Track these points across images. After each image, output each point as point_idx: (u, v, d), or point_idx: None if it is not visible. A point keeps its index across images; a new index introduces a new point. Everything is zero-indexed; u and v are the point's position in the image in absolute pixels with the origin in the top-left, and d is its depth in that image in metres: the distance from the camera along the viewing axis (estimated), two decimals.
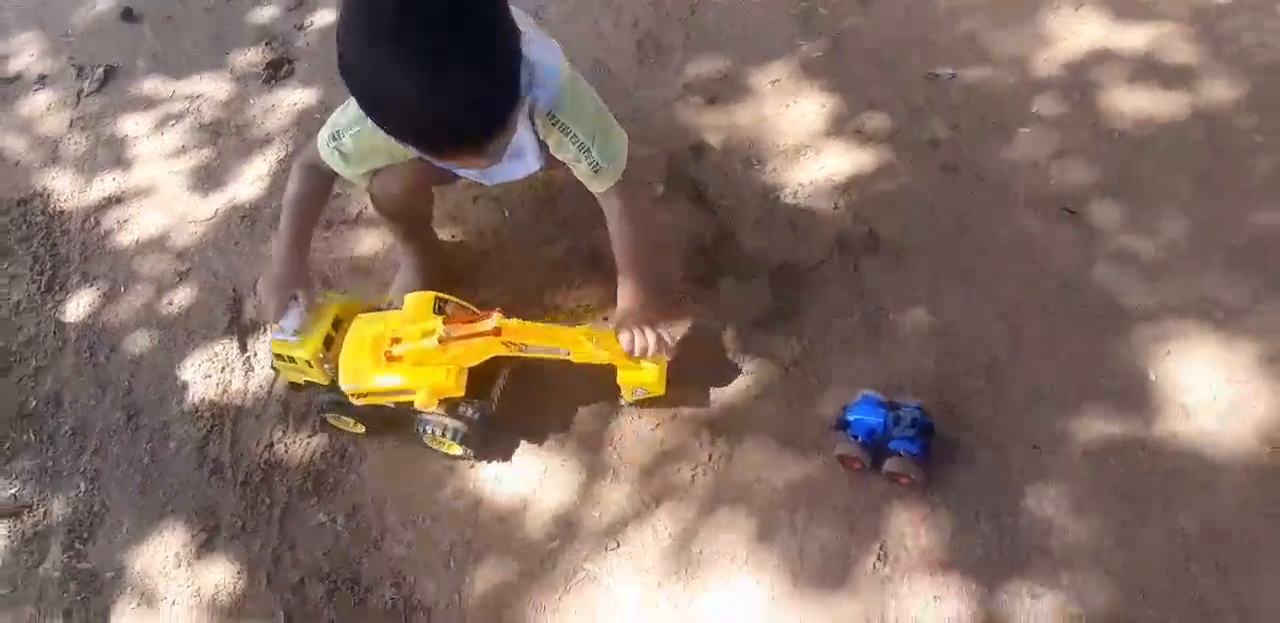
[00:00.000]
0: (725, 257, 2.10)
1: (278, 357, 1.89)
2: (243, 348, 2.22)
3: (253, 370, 2.19)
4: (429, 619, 1.82)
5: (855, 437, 1.74)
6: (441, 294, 1.83)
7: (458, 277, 2.12)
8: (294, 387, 2.03)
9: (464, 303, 1.83)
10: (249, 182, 2.47)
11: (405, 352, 1.75)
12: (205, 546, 1.98)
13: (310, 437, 2.07)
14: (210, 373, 2.21)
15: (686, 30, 2.47)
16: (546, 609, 1.77)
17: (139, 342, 2.30)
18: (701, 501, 1.83)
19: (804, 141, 2.21)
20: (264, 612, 1.89)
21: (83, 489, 2.10)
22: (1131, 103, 2.19)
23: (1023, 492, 1.73)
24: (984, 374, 1.87)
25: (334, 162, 1.79)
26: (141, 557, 1.99)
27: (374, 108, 1.39)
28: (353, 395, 1.84)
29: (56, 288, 2.43)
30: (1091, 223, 2.04)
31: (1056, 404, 1.82)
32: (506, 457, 1.96)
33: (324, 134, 1.77)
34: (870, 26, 2.40)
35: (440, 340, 1.70)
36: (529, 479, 1.92)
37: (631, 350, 1.79)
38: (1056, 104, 2.21)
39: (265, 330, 2.06)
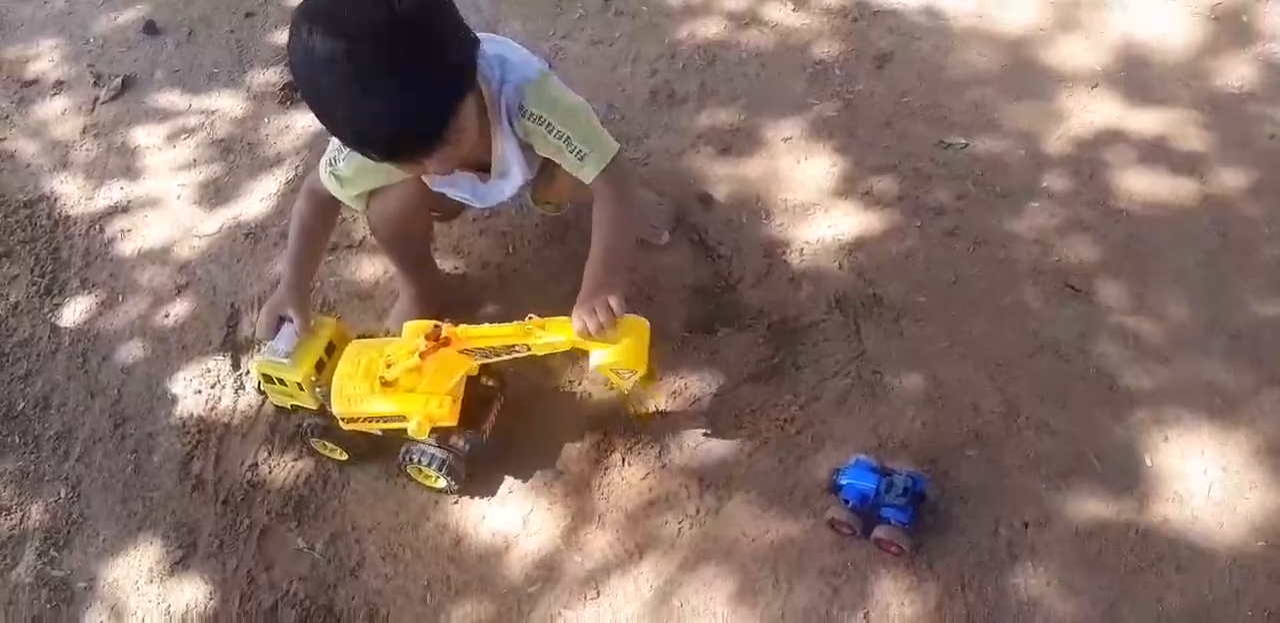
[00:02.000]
0: (726, 307, 2.04)
1: (266, 378, 1.81)
2: (235, 366, 2.14)
3: (243, 389, 2.11)
4: None
5: (846, 502, 1.67)
6: (441, 323, 1.74)
7: (456, 310, 2.04)
8: (281, 409, 1.95)
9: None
10: (256, 200, 2.40)
11: (396, 376, 1.68)
12: (180, 563, 1.90)
13: (295, 460, 1.99)
14: (201, 389, 2.13)
15: (702, 80, 2.42)
16: None
17: (132, 351, 2.22)
18: (686, 554, 1.75)
19: (812, 199, 2.16)
20: None
21: (62, 496, 2.02)
22: (1140, 184, 2.15)
23: (1010, 567, 1.67)
24: (977, 443, 1.81)
25: (332, 185, 1.77)
26: (115, 569, 1.91)
27: (325, 121, 1.46)
28: (343, 420, 1.76)
29: (55, 291, 2.36)
30: (1094, 300, 1.99)
31: (1048, 479, 1.76)
32: (491, 493, 1.88)
33: (324, 159, 1.75)
34: (883, 90, 2.36)
35: (420, 355, 1.63)
36: (513, 519, 1.84)
37: (585, 332, 1.59)
38: (1065, 180, 2.17)
39: (258, 349, 1.97)
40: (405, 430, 1.69)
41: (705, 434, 1.87)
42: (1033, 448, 1.80)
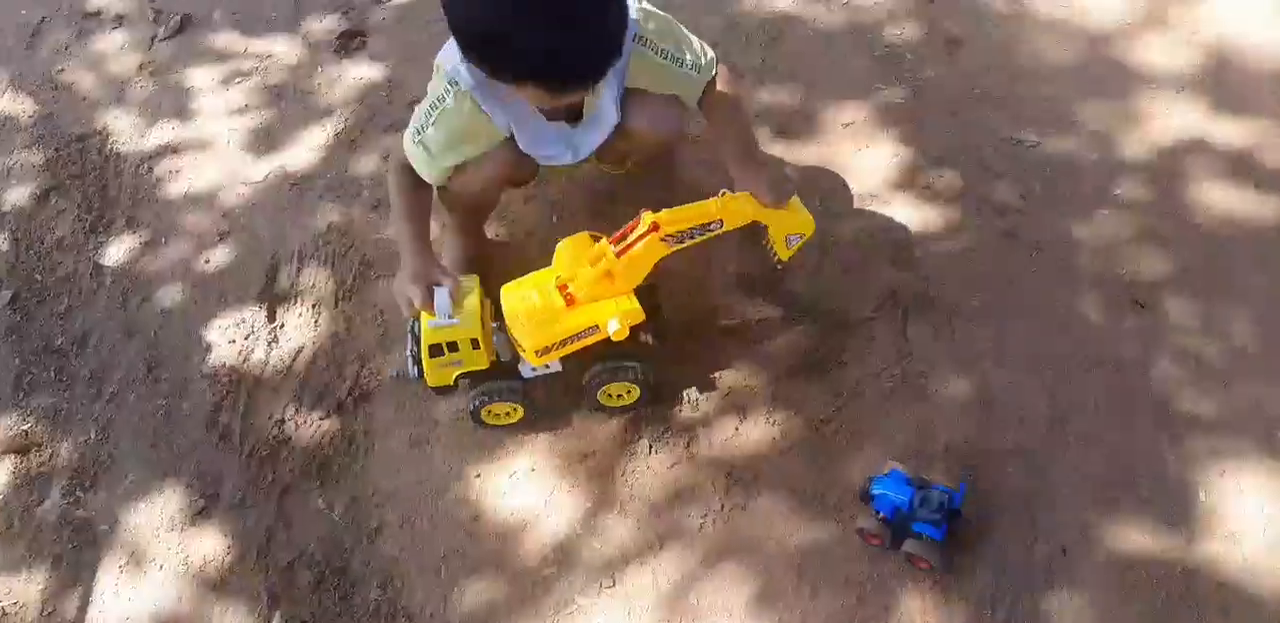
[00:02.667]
0: (771, 298, 1.91)
1: (433, 351, 1.69)
2: (270, 318, 2.06)
3: (277, 342, 2.02)
4: None
5: (878, 512, 1.55)
6: (594, 232, 1.71)
7: (495, 276, 1.93)
8: (440, 390, 1.79)
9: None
10: (305, 149, 2.29)
11: (582, 287, 1.64)
12: (202, 513, 1.84)
13: (322, 419, 1.91)
14: (235, 338, 2.05)
15: (763, 57, 2.25)
16: None
17: (171, 295, 2.15)
18: (707, 550, 1.65)
19: (870, 189, 2.01)
20: (249, 591, 1.74)
21: (92, 436, 1.95)
22: (1220, 199, 1.97)
23: (1044, 593, 1.55)
24: (1021, 457, 1.68)
25: (419, 159, 1.69)
26: (139, 514, 1.85)
27: (495, 47, 1.39)
28: (537, 354, 1.68)
29: (101, 229, 2.28)
30: (1158, 316, 1.84)
31: (1093, 502, 1.63)
32: (515, 470, 1.79)
33: (408, 133, 1.68)
34: (953, 79, 2.18)
35: (619, 254, 1.61)
36: (534, 499, 1.75)
37: (778, 197, 1.67)
38: (1140, 188, 2.00)
39: (410, 327, 1.82)
40: (594, 348, 1.69)
41: (737, 428, 1.75)
42: (1079, 467, 1.67)
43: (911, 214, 1.98)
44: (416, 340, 1.71)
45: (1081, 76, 2.19)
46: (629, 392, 1.76)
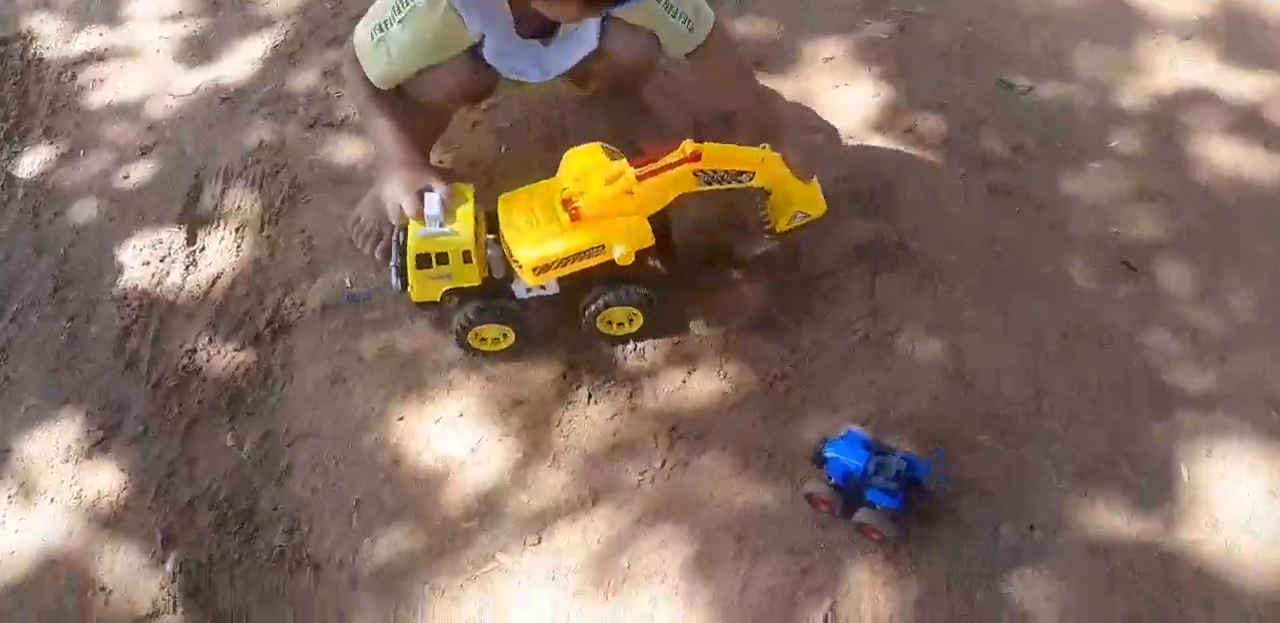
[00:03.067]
0: (733, 246, 1.73)
1: (420, 262, 1.50)
2: (190, 240, 1.87)
3: (195, 266, 1.83)
4: (316, 577, 1.48)
5: (829, 478, 1.38)
6: (608, 146, 1.54)
7: None
8: (426, 305, 1.61)
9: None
10: (240, 62, 2.06)
11: (593, 204, 1.46)
12: (100, 445, 1.65)
13: (238, 350, 1.72)
14: (150, 260, 1.85)
15: None
16: (445, 594, 1.44)
17: (86, 211, 1.95)
18: (644, 508, 1.48)
19: (847, 129, 1.82)
20: (144, 529, 1.56)
21: None
22: (1224, 156, 1.80)
23: (1007, 574, 1.39)
24: (993, 429, 1.51)
25: (374, 59, 1.54)
26: (34, 442, 1.66)
27: None
28: (534, 273, 1.49)
29: (16, 139, 2.07)
30: (1151, 282, 1.66)
31: (1068, 479, 1.47)
32: (441, 414, 1.60)
33: (364, 28, 1.53)
34: (946, 16, 1.98)
35: (640, 178, 1.44)
36: (461, 446, 1.57)
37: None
38: (1138, 141, 1.82)
39: (395, 237, 1.60)
40: (595, 271, 1.52)
41: (684, 380, 1.57)
42: (1056, 442, 1.50)
43: (890, 159, 1.79)
44: (402, 251, 1.52)
45: (1083, 20, 2.00)
46: (632, 319, 1.60)
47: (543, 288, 1.56)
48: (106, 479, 1.61)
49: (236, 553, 1.53)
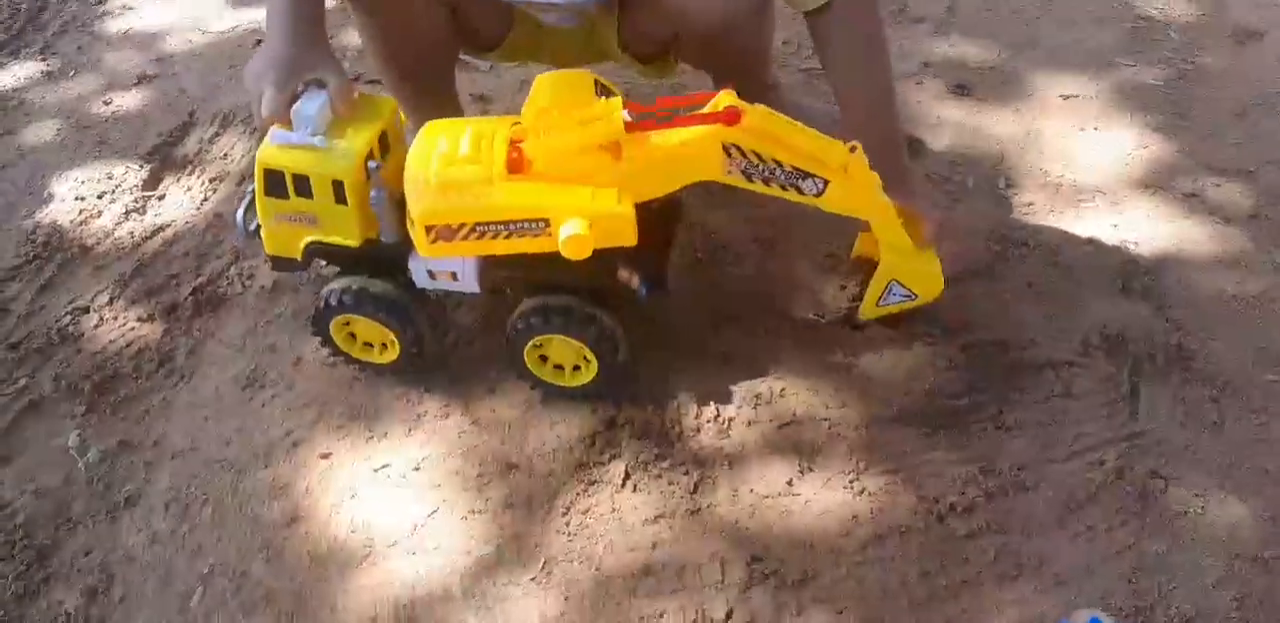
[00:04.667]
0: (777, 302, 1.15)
1: (270, 184, 0.95)
2: (151, 183, 1.42)
3: (140, 212, 1.38)
4: None
5: None
6: (604, 80, 0.97)
7: None
8: (284, 265, 1.04)
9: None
10: None
11: (548, 154, 0.89)
12: None
13: (141, 321, 1.23)
14: (85, 195, 1.42)
15: (953, 4, 1.57)
16: None
17: (42, 133, 1.53)
18: None
19: (1094, 181, 1.27)
20: None
21: None
22: None
23: None
24: None
25: None
26: None
27: None
28: (429, 235, 0.91)
29: (7, 50, 1.71)
30: None
31: None
32: (388, 460, 1.02)
33: None
34: (1237, 71, 1.47)
35: (629, 127, 0.89)
36: (401, 515, 0.99)
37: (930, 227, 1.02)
38: None
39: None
40: (535, 267, 0.96)
41: (790, 484, 0.96)
42: None
43: (1163, 227, 1.22)
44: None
45: None
46: (584, 362, 1.01)
47: (453, 277, 0.99)
48: None
49: None
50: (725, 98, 0.90)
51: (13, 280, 1.29)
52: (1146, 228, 1.19)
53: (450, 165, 0.90)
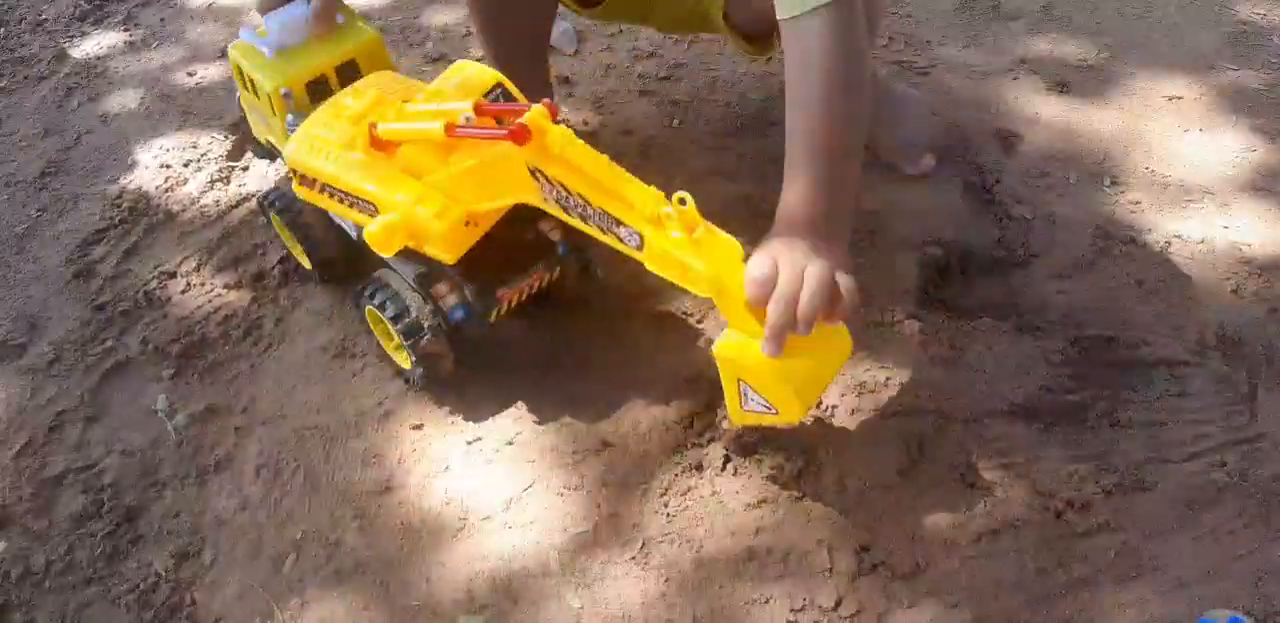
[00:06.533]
0: (1003, 290, 1.11)
1: (237, 72, 1.04)
2: (235, 154, 1.38)
3: (225, 181, 1.36)
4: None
5: None
6: (510, 85, 0.96)
7: None
8: (253, 146, 1.18)
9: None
10: None
11: (393, 133, 0.89)
12: None
13: (228, 288, 1.20)
14: (169, 163, 1.39)
15: (1048, 2, 1.49)
16: None
17: (125, 100, 1.51)
18: None
19: (1202, 181, 1.22)
20: None
21: None
22: None
23: None
24: None
25: None
26: None
27: None
28: (294, 176, 0.96)
29: (91, 19, 1.69)
30: None
31: None
32: (483, 435, 0.99)
33: None
34: None
35: (447, 129, 0.83)
36: (494, 491, 0.96)
37: (756, 289, 0.77)
38: None
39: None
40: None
41: (899, 472, 0.92)
42: None
43: (1271, 229, 1.17)
44: None
45: None
46: (393, 342, 1.01)
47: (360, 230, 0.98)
48: None
49: (88, 569, 0.95)
50: (533, 113, 0.79)
51: (99, 243, 1.27)
52: (1258, 230, 1.15)
53: (333, 119, 0.92)
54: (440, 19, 1.59)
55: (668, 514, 0.92)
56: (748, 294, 0.76)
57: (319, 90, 1.01)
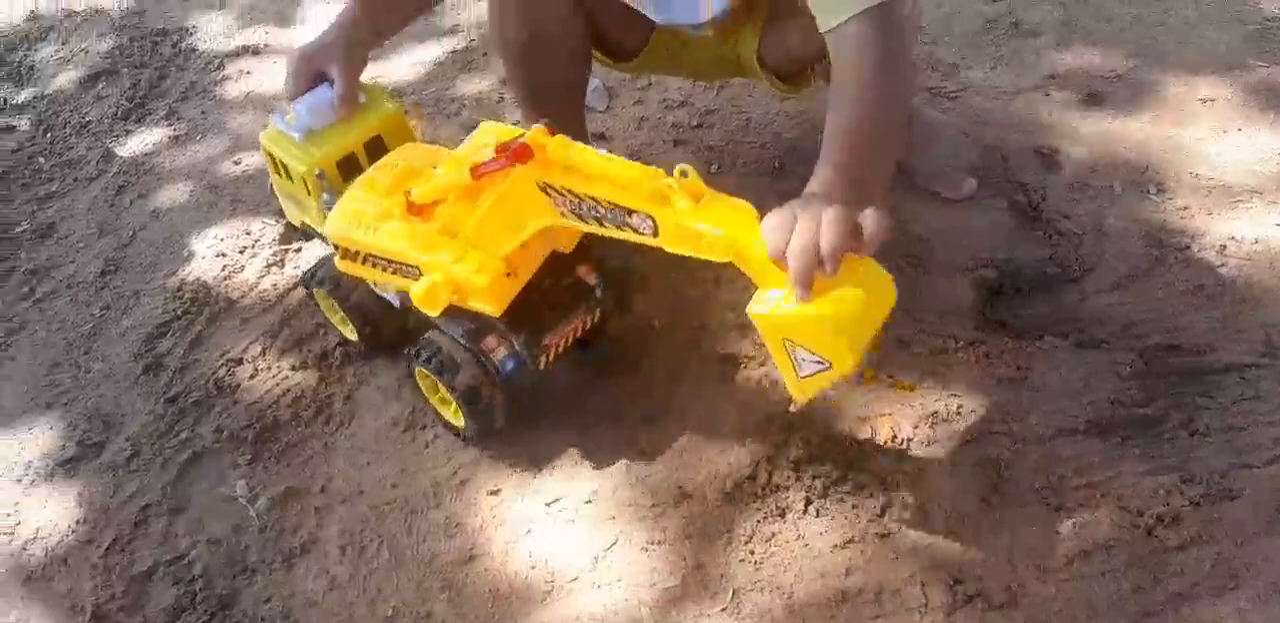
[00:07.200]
0: (1059, 307, 1.10)
1: (270, 158, 1.09)
2: (286, 238, 1.41)
3: (280, 266, 1.39)
4: None
5: None
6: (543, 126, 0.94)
7: None
8: (290, 231, 1.29)
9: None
10: (409, 65, 1.70)
11: (430, 199, 0.92)
12: (66, 466, 1.16)
13: (294, 370, 1.23)
14: (226, 252, 1.42)
15: (1067, 17, 1.50)
16: None
17: (175, 195, 1.55)
18: None
19: (1250, 183, 1.22)
20: (70, 597, 1.02)
21: None
22: None
23: None
24: None
25: None
26: None
27: None
28: (337, 252, 1.01)
29: (135, 118, 1.73)
30: None
31: None
32: (558, 495, 0.99)
33: None
34: None
35: (474, 171, 0.88)
36: (578, 550, 0.97)
37: (773, 236, 0.74)
38: None
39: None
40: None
41: (983, 501, 0.91)
42: None
43: None
44: None
45: None
46: (446, 401, 1.04)
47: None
48: (54, 514, 1.11)
49: None
50: (532, 132, 0.85)
51: (164, 336, 1.30)
52: None
53: (368, 193, 0.97)
54: (473, 88, 1.64)
55: (754, 562, 0.93)
56: (767, 244, 0.74)
57: (350, 168, 1.05)
